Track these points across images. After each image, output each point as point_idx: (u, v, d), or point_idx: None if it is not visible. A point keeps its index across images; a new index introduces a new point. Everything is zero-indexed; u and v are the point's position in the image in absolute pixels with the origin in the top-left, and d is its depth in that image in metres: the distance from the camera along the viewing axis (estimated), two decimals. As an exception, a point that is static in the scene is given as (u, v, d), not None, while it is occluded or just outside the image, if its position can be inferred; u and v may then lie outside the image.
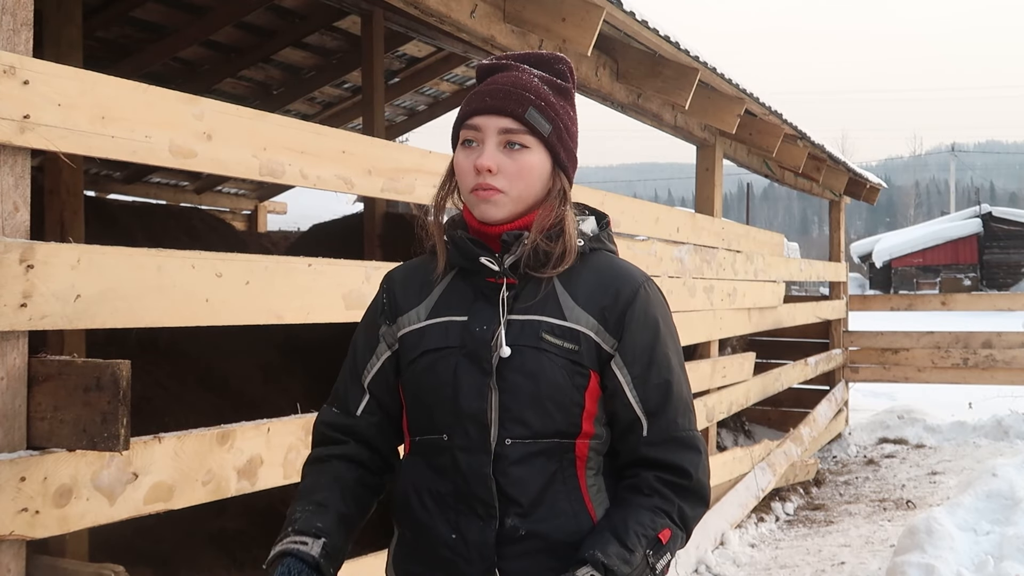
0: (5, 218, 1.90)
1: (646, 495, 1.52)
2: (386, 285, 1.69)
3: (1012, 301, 11.48)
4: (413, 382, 1.59)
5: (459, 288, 1.60)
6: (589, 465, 1.55)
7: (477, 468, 1.51)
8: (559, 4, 3.70)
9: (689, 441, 1.56)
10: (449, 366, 1.54)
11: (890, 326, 10.93)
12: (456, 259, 1.59)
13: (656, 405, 1.55)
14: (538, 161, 1.55)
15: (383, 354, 1.64)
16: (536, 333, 1.53)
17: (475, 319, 1.55)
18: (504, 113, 1.53)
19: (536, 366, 1.51)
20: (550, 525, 1.51)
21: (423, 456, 1.58)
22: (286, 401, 3.30)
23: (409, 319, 1.62)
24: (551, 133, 1.56)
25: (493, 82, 1.58)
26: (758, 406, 7.85)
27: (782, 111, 6.07)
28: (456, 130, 1.60)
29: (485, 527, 1.50)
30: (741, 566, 5.42)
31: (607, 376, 1.55)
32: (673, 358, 1.59)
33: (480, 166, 1.52)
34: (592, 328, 1.55)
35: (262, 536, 5.13)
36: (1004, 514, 4.57)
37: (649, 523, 1.49)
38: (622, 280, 1.59)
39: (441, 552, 1.53)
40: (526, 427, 1.51)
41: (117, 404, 1.87)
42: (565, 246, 1.55)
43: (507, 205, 1.54)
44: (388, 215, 7.15)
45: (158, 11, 6.60)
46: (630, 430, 1.56)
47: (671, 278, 5.08)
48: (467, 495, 1.51)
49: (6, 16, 1.90)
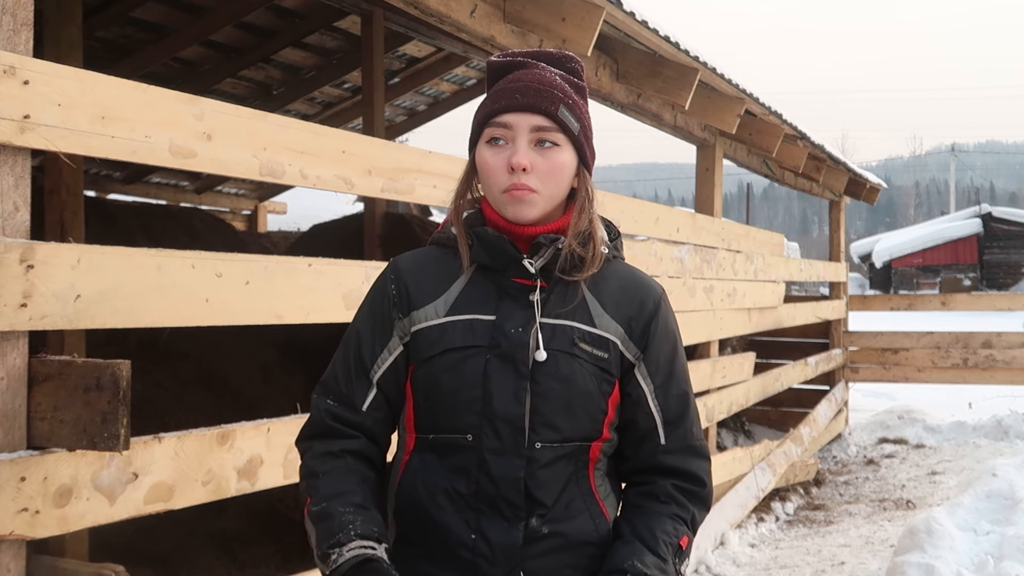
0: (5, 218, 1.90)
1: (663, 502, 1.57)
2: (393, 275, 1.61)
3: (1012, 301, 11.47)
4: (430, 380, 1.54)
5: (481, 286, 1.57)
6: (598, 466, 1.58)
7: (509, 472, 1.50)
8: (559, 4, 3.70)
9: (702, 450, 1.63)
10: (478, 366, 1.52)
11: (890, 326, 10.94)
12: (480, 256, 1.56)
13: (675, 415, 1.60)
14: (568, 160, 1.55)
15: (396, 349, 1.58)
16: (569, 339, 1.54)
17: (507, 320, 1.53)
18: (537, 111, 1.52)
19: (569, 372, 1.53)
20: (569, 524, 1.53)
21: (436, 454, 1.54)
22: (286, 401, 3.29)
23: (426, 314, 1.56)
24: (579, 132, 1.56)
25: (518, 79, 1.55)
26: (758, 406, 7.85)
27: (782, 111, 6.07)
28: (480, 127, 1.56)
29: (511, 528, 1.50)
30: (741, 566, 5.42)
31: (630, 384, 1.59)
32: (687, 370, 1.66)
33: (516, 164, 1.50)
34: (619, 337, 1.57)
35: (262, 536, 5.14)
36: (1004, 514, 4.57)
37: (672, 531, 1.54)
38: (645, 291, 1.62)
39: (459, 552, 1.51)
40: (556, 431, 1.52)
41: (117, 404, 1.87)
42: (595, 251, 1.56)
43: (539, 205, 1.53)
44: (388, 215, 7.16)
45: (158, 11, 6.60)
46: (647, 437, 1.60)
47: (671, 278, 5.08)
48: (492, 496, 1.50)
49: (6, 16, 1.90)
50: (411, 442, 1.59)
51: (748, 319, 6.66)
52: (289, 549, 5.04)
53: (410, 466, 1.57)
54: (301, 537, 5.35)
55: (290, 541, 5.13)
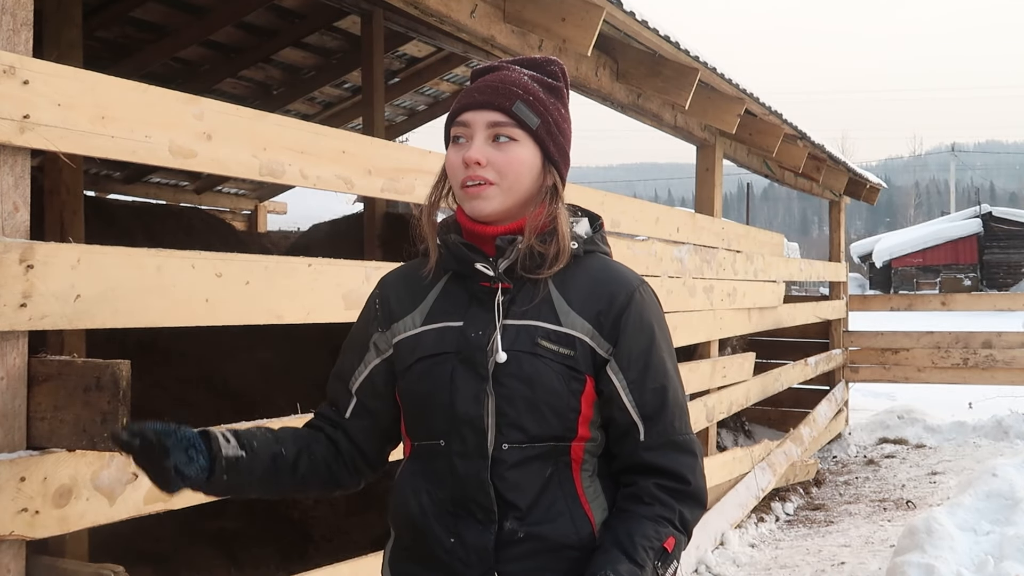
0: (5, 218, 1.90)
1: (647, 504, 1.53)
2: (378, 291, 1.69)
3: (1012, 301, 11.48)
4: (409, 388, 1.59)
5: (453, 293, 1.60)
6: (584, 467, 1.56)
7: (474, 473, 1.51)
8: (559, 4, 3.69)
9: (686, 445, 1.57)
10: (445, 372, 1.54)
11: (890, 326, 10.93)
12: (449, 263, 1.59)
13: (653, 410, 1.56)
14: (527, 154, 1.55)
15: (371, 362, 1.65)
16: (532, 338, 1.53)
17: (471, 324, 1.55)
18: (491, 107, 1.54)
19: (532, 371, 1.51)
20: (548, 527, 1.51)
21: (421, 461, 1.59)
22: (286, 401, 3.29)
23: (404, 325, 1.62)
24: (539, 127, 1.56)
25: (481, 81, 1.60)
26: (758, 406, 7.84)
27: (782, 111, 6.07)
28: (447, 129, 1.61)
29: (484, 531, 1.51)
30: (741, 566, 5.42)
31: (603, 381, 1.55)
32: (668, 362, 1.60)
33: (468, 159, 1.52)
34: (587, 333, 1.54)
35: (262, 536, 5.14)
36: (1004, 514, 4.57)
37: (654, 534, 1.50)
38: (616, 284, 1.58)
39: (439, 555, 1.53)
40: (523, 432, 1.51)
41: (117, 404, 1.87)
42: (559, 247, 1.55)
43: (496, 197, 1.54)
44: (388, 215, 7.15)
45: (158, 11, 6.60)
46: (627, 435, 1.56)
47: (671, 278, 5.08)
48: (465, 500, 1.52)
49: (6, 16, 1.90)
50: (407, 450, 1.65)
51: (748, 319, 6.66)
52: (289, 549, 5.04)
53: (403, 473, 1.63)
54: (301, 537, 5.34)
55: (290, 541, 5.13)
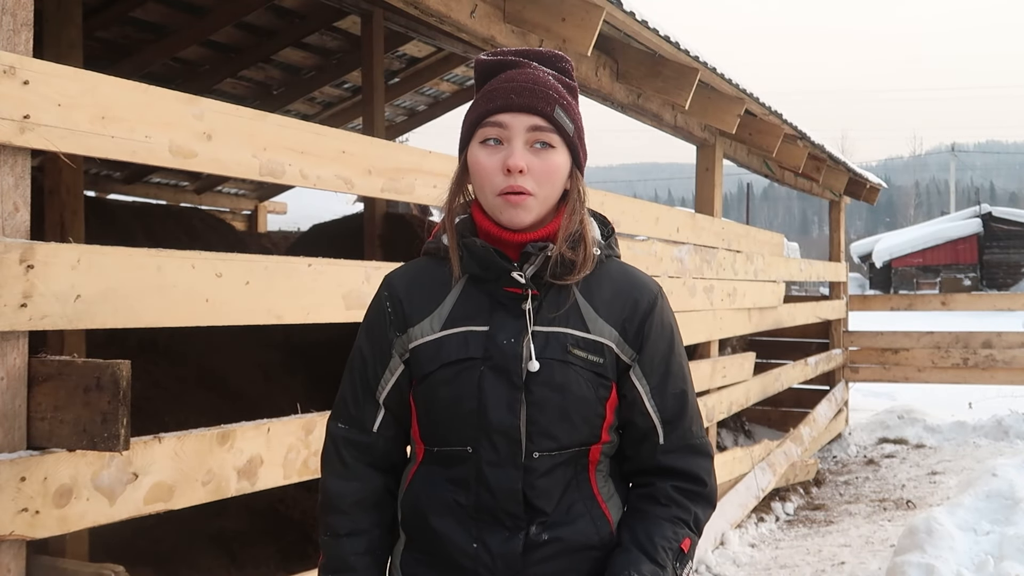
0: (5, 218, 1.90)
1: (663, 505, 1.55)
2: (387, 292, 1.61)
3: (1012, 301, 11.47)
4: (429, 394, 1.54)
5: (473, 296, 1.55)
6: (599, 468, 1.57)
7: (507, 483, 1.50)
8: (559, 4, 3.69)
9: (703, 448, 1.60)
10: (472, 379, 1.51)
11: (890, 326, 10.93)
12: (470, 268, 1.54)
13: (673, 414, 1.57)
14: (563, 161, 1.53)
15: (397, 368, 1.58)
16: (563, 346, 1.52)
17: (500, 331, 1.52)
18: (534, 111, 1.49)
19: (564, 379, 1.51)
20: (569, 529, 1.52)
21: (440, 466, 1.55)
22: (286, 401, 3.30)
23: (422, 330, 1.56)
24: (573, 133, 1.54)
25: (511, 79, 1.52)
26: (758, 406, 7.85)
27: (782, 111, 6.07)
28: (472, 128, 1.53)
29: (511, 537, 1.50)
30: (741, 566, 5.42)
31: (625, 386, 1.56)
32: (685, 367, 1.62)
33: (513, 165, 1.47)
34: (614, 340, 1.55)
35: (262, 536, 5.14)
36: (1004, 514, 4.57)
37: (672, 535, 1.52)
38: (639, 290, 1.59)
39: (461, 561, 1.51)
40: (554, 440, 1.51)
41: (117, 404, 1.87)
42: (586, 253, 1.53)
43: (535, 209, 1.50)
44: (388, 215, 7.16)
45: (158, 11, 6.60)
46: (645, 438, 1.58)
47: (671, 278, 5.08)
48: (492, 508, 1.50)
49: (6, 16, 1.90)
50: (420, 453, 1.60)
51: (748, 319, 6.66)
52: (289, 549, 5.04)
53: (416, 477, 1.59)
54: (301, 537, 5.34)
55: (290, 541, 5.13)
